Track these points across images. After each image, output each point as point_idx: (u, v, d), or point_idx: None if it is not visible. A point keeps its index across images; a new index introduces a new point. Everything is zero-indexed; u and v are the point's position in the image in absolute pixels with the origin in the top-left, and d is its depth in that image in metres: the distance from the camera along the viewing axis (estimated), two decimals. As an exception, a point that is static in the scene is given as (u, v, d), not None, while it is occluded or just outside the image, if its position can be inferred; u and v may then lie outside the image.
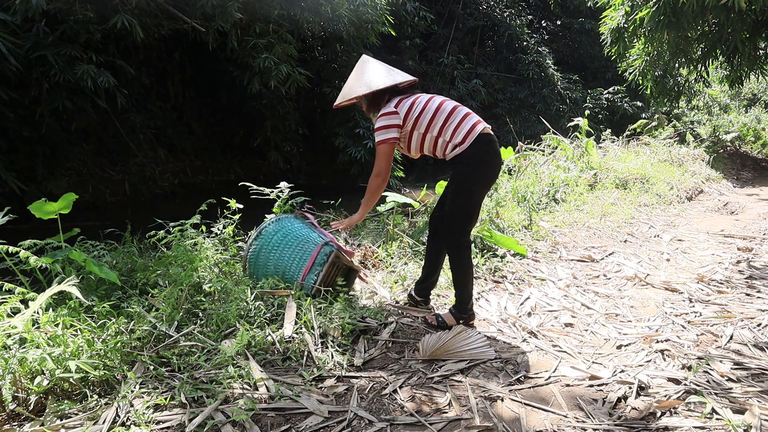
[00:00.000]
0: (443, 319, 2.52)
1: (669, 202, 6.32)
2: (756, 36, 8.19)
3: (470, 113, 2.38)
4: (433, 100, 2.39)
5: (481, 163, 2.33)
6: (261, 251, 2.70)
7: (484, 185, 2.41)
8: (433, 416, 1.82)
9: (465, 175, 2.34)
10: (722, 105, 18.12)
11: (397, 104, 2.38)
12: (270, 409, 1.80)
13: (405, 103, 2.38)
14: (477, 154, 2.31)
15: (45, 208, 2.56)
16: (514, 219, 4.35)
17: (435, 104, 2.37)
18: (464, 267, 2.46)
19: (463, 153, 2.31)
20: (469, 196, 2.37)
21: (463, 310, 2.52)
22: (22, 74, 6.26)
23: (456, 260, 2.47)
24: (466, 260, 2.45)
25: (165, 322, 2.24)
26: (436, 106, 2.36)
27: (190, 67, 9.76)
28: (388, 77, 2.42)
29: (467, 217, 2.41)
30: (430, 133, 2.35)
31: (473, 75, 14.31)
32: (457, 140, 2.31)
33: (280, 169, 9.69)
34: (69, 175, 7.54)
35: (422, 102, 2.38)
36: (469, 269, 2.47)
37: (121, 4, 6.39)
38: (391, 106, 2.37)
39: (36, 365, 1.78)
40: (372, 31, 9.45)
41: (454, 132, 2.32)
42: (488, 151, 2.34)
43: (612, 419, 1.81)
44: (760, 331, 2.57)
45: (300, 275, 2.62)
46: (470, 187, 2.36)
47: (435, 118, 2.34)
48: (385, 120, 2.35)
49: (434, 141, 2.36)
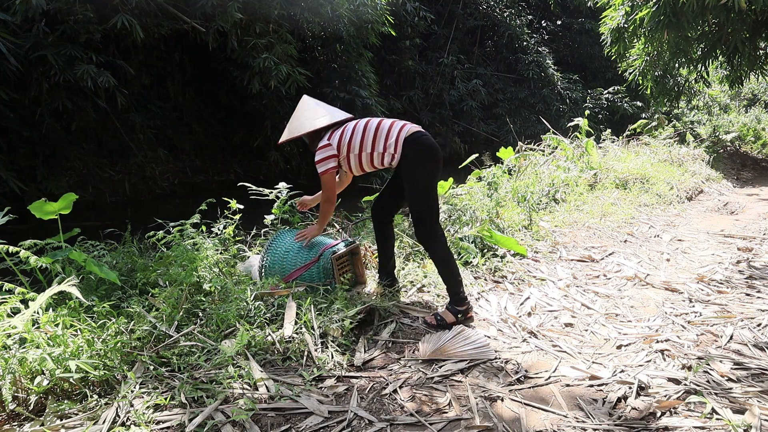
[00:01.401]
0: (442, 317, 2.56)
1: (669, 202, 6.32)
2: (756, 36, 8.19)
3: (395, 122, 2.60)
4: (359, 123, 2.64)
5: (420, 159, 2.52)
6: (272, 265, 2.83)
7: (432, 176, 2.56)
8: (433, 416, 1.82)
9: (412, 175, 2.53)
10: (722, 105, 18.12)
11: (330, 137, 2.64)
12: (270, 409, 1.80)
13: (336, 134, 2.64)
14: (413, 153, 2.51)
15: (45, 208, 2.56)
16: (514, 219, 4.35)
17: (361, 126, 2.61)
18: (445, 258, 2.57)
19: (403, 156, 2.52)
20: (424, 191, 2.54)
21: (458, 302, 2.57)
22: (22, 74, 6.26)
23: (435, 254, 2.59)
24: (444, 251, 2.57)
25: (165, 322, 2.24)
26: (363, 126, 2.61)
27: (190, 67, 9.76)
28: (327, 117, 2.69)
29: (430, 209, 2.57)
30: (364, 152, 2.58)
31: (473, 75, 14.31)
32: (390, 150, 2.54)
33: (280, 169, 9.69)
34: (69, 175, 7.55)
35: (350, 128, 2.63)
36: (450, 258, 2.58)
37: (121, 4, 6.39)
38: (325, 140, 2.63)
39: (36, 365, 1.78)
40: (372, 31, 9.45)
41: (384, 143, 2.55)
42: (421, 146, 2.53)
43: (612, 419, 1.82)
44: (760, 331, 2.57)
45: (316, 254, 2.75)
46: (422, 183, 2.54)
47: (364, 137, 2.58)
48: (322, 153, 2.60)
49: (370, 157, 2.59)
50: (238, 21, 7.37)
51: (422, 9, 12.21)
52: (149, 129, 8.81)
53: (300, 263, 2.76)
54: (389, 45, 12.20)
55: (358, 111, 9.59)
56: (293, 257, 2.79)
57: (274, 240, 2.90)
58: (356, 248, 2.93)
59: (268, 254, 2.84)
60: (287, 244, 2.85)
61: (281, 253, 2.82)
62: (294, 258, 2.79)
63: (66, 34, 6.47)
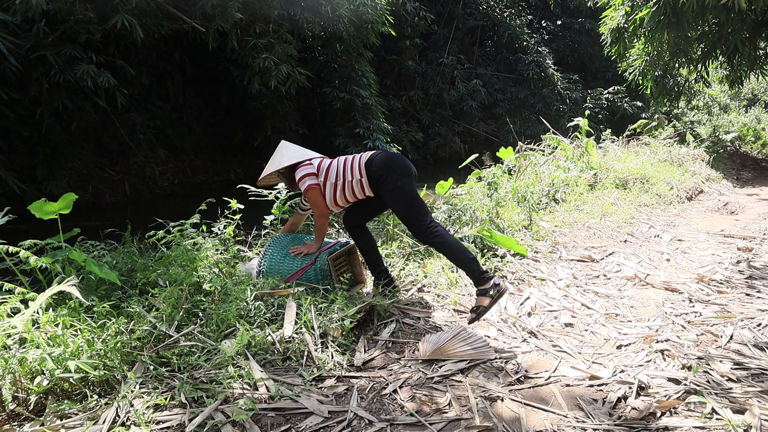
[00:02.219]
0: (477, 306, 2.54)
1: (669, 202, 6.31)
2: (756, 36, 8.19)
3: (355, 155, 2.79)
4: (332, 161, 2.81)
5: (386, 168, 2.65)
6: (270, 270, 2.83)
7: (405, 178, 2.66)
8: (433, 416, 1.82)
9: (386, 184, 2.64)
10: (722, 105, 18.11)
11: (309, 162, 2.80)
12: (270, 409, 1.80)
13: (315, 160, 2.82)
14: (378, 167, 2.66)
15: (45, 208, 2.55)
16: (514, 219, 4.35)
17: (334, 161, 2.80)
18: (450, 247, 2.60)
19: (370, 176, 2.67)
20: (402, 193, 2.63)
21: (481, 281, 2.54)
22: (22, 74, 6.26)
23: (441, 248, 2.62)
24: (447, 240, 2.60)
25: (165, 322, 2.24)
26: (336, 161, 2.79)
27: (190, 67, 9.77)
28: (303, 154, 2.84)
29: (414, 209, 2.64)
30: (339, 180, 2.73)
31: (473, 75, 14.31)
32: (356, 175, 2.70)
33: (280, 169, 9.68)
34: (69, 175, 7.55)
35: (327, 161, 2.82)
36: (455, 245, 2.61)
37: (121, 4, 6.39)
38: (305, 162, 2.79)
39: (36, 365, 1.78)
40: (372, 31, 9.45)
41: (351, 171, 2.71)
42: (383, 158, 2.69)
43: (612, 419, 1.81)
44: (760, 331, 2.57)
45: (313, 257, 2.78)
46: (397, 186, 2.63)
47: (338, 169, 2.75)
48: (302, 171, 2.74)
49: (343, 185, 2.73)
50: (238, 21, 7.37)
51: (422, 9, 12.20)
52: (149, 129, 8.81)
53: (297, 267, 2.78)
54: (389, 45, 12.19)
55: (358, 111, 9.59)
56: (290, 261, 2.80)
57: (271, 245, 2.91)
58: (353, 248, 2.94)
59: (265, 259, 2.85)
60: (284, 248, 2.87)
61: (278, 258, 2.83)
62: (291, 262, 2.80)
63: (66, 34, 6.47)
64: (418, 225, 2.62)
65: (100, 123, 8.14)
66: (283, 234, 3.05)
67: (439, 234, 2.60)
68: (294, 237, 2.99)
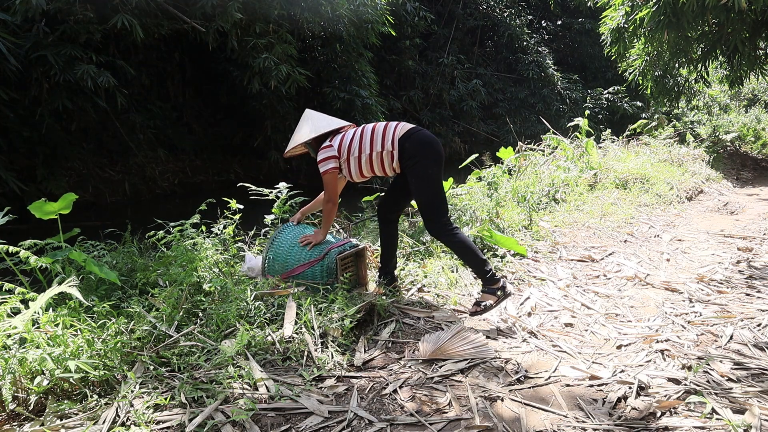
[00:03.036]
0: (483, 302, 2.62)
1: (669, 202, 6.31)
2: (756, 36, 8.19)
3: (388, 124, 2.68)
4: (356, 130, 2.73)
5: (420, 152, 2.58)
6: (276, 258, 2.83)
7: (434, 167, 2.61)
8: (433, 416, 1.82)
9: (417, 167, 2.58)
10: (722, 105, 18.10)
11: (331, 140, 2.73)
12: (270, 409, 1.80)
13: (337, 138, 2.73)
14: (413, 146, 2.58)
15: (45, 208, 2.55)
16: (514, 219, 4.35)
17: (359, 130, 2.71)
18: (462, 245, 2.61)
19: (402, 153, 2.59)
20: (431, 182, 2.59)
21: (489, 281, 2.62)
22: (22, 74, 6.26)
23: (452, 245, 2.63)
24: (460, 239, 2.61)
25: (165, 322, 2.24)
26: (360, 131, 2.70)
27: (190, 67, 9.77)
28: (326, 123, 2.79)
29: (438, 200, 2.61)
30: (363, 154, 2.65)
31: (473, 75, 14.31)
32: (388, 147, 2.60)
33: (280, 169, 9.69)
34: (69, 175, 7.55)
35: (350, 133, 2.73)
36: (468, 244, 2.62)
37: (121, 4, 6.39)
38: (327, 142, 2.72)
39: (36, 365, 1.78)
40: (372, 31, 9.45)
41: (382, 143, 2.62)
42: (418, 140, 2.60)
43: (612, 419, 1.81)
44: (760, 331, 2.57)
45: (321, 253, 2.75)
46: (427, 174, 2.58)
47: (362, 140, 2.66)
48: (323, 153, 2.68)
49: (369, 158, 2.65)
50: (238, 21, 7.37)
51: (422, 9, 12.20)
52: (149, 129, 8.81)
53: (304, 260, 2.76)
54: (389, 45, 12.19)
55: (358, 111, 9.58)
56: (298, 252, 2.79)
57: (280, 233, 2.89)
58: (362, 251, 2.93)
59: (273, 247, 2.83)
60: (293, 239, 2.84)
61: (286, 248, 2.82)
62: (299, 254, 2.78)
63: (66, 34, 6.46)
64: (437, 218, 2.60)
65: (100, 123, 8.14)
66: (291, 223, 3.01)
67: (456, 232, 2.62)
68: (304, 227, 2.97)
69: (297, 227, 2.95)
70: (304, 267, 2.74)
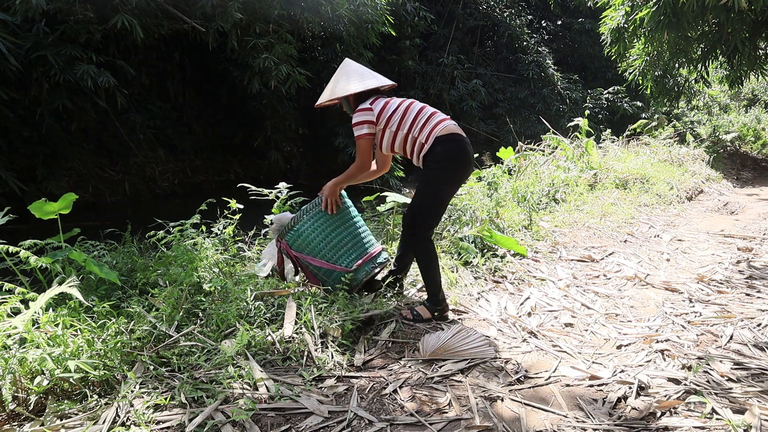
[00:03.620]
0: (418, 313, 2.54)
1: (669, 202, 6.31)
2: (756, 36, 8.19)
3: (436, 112, 2.48)
4: (404, 102, 2.51)
5: (449, 162, 2.41)
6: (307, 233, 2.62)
7: (454, 184, 2.49)
8: (433, 416, 1.82)
9: (435, 172, 2.42)
10: (722, 105, 18.10)
11: (372, 102, 2.50)
12: (270, 409, 1.80)
13: (379, 102, 2.50)
14: (444, 152, 2.39)
15: (45, 208, 2.55)
16: (514, 219, 4.35)
17: (405, 105, 2.50)
18: (430, 261, 2.52)
19: (431, 152, 2.40)
20: (438, 194, 2.45)
21: (436, 302, 2.55)
22: (22, 74, 6.26)
23: (422, 256, 2.53)
24: (431, 254, 2.52)
25: (165, 322, 2.24)
26: (406, 106, 2.49)
27: (190, 67, 9.77)
28: (373, 80, 2.54)
29: (434, 213, 2.49)
30: (400, 131, 2.46)
31: (473, 75, 14.30)
32: (422, 139, 2.42)
33: (280, 169, 9.70)
34: (69, 175, 7.55)
35: (395, 103, 2.50)
36: (435, 261, 2.53)
37: (121, 4, 6.39)
38: (367, 104, 2.49)
39: (36, 365, 1.78)
40: (372, 31, 9.45)
41: (420, 129, 2.43)
42: (457, 149, 2.41)
43: (612, 419, 1.81)
44: (760, 331, 2.57)
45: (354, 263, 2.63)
46: (440, 185, 2.44)
47: (405, 116, 2.46)
48: (360, 116, 2.47)
49: (404, 139, 2.47)
50: (238, 21, 7.37)
51: (422, 9, 12.20)
52: (149, 129, 8.81)
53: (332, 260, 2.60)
54: (389, 45, 12.18)
55: (358, 111, 9.56)
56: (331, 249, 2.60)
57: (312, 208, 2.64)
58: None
59: (313, 219, 2.61)
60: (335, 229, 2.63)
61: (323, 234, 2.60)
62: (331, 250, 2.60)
63: (66, 34, 6.47)
64: (422, 225, 2.48)
65: (100, 123, 8.14)
66: (348, 204, 2.77)
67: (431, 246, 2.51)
68: (350, 217, 2.74)
69: (344, 216, 2.69)
70: (327, 266, 2.61)
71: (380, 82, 2.54)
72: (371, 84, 2.50)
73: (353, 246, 2.67)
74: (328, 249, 2.63)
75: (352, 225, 2.71)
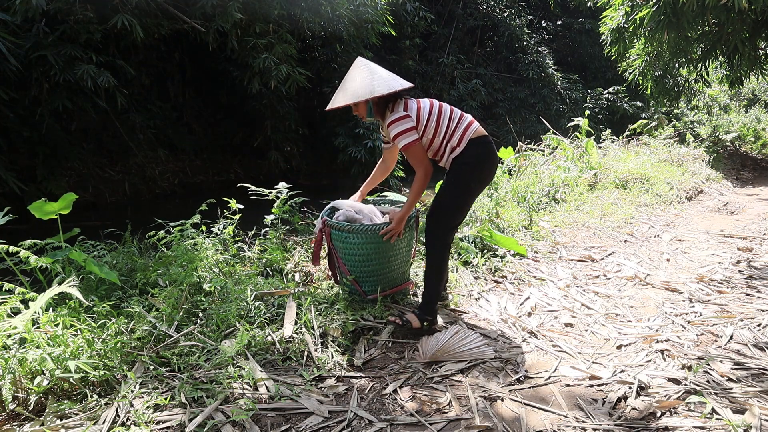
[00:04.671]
0: (408, 320, 2.43)
1: (669, 202, 6.31)
2: (756, 36, 8.18)
3: (463, 114, 2.44)
4: (432, 106, 2.42)
5: (480, 164, 2.39)
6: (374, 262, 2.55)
7: (481, 185, 2.47)
8: (433, 416, 1.82)
9: (465, 173, 2.39)
10: (722, 105, 18.10)
11: (406, 107, 2.37)
12: (270, 409, 1.80)
13: (410, 107, 2.38)
14: (476, 155, 2.38)
15: (45, 208, 2.56)
16: (514, 219, 4.35)
17: (435, 110, 2.40)
18: (439, 266, 2.45)
19: (462, 154, 2.37)
20: (465, 193, 2.41)
21: (428, 312, 2.45)
22: (22, 74, 6.25)
23: (434, 258, 2.44)
24: (443, 260, 2.46)
25: (165, 322, 2.24)
26: (437, 111, 2.40)
27: (190, 67, 9.76)
28: (396, 82, 2.36)
29: (458, 212, 2.44)
30: (437, 138, 2.40)
31: (473, 75, 14.31)
32: (455, 142, 2.38)
33: (280, 169, 9.69)
34: (69, 175, 7.54)
35: (425, 109, 2.39)
36: (443, 270, 2.47)
37: (121, 4, 6.39)
38: (400, 110, 2.35)
39: (36, 365, 1.78)
40: (372, 31, 9.45)
41: (453, 134, 2.38)
42: (487, 153, 2.41)
43: (612, 419, 1.81)
44: (760, 331, 2.57)
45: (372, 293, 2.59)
46: (468, 185, 2.40)
47: (439, 123, 2.38)
48: (403, 124, 2.33)
49: (440, 144, 2.41)
50: (238, 21, 7.36)
51: (422, 9, 12.20)
52: (149, 129, 8.81)
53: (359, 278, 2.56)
54: (389, 45, 12.19)
55: (358, 111, 9.55)
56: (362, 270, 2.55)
57: (380, 237, 2.48)
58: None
59: (359, 237, 2.48)
60: (378, 256, 2.54)
61: (364, 256, 2.52)
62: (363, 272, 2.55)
63: (66, 34, 6.46)
64: (443, 224, 2.41)
65: (100, 123, 8.13)
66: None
67: (448, 250, 2.47)
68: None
69: (393, 246, 2.55)
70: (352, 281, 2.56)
71: (403, 84, 2.37)
72: (396, 86, 2.33)
73: (383, 276, 2.60)
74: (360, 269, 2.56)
75: (395, 256, 2.62)
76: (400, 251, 2.63)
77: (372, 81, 2.32)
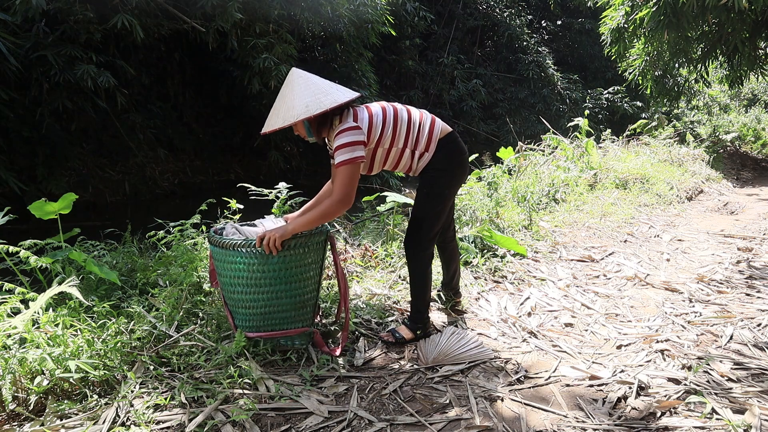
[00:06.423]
0: (401, 335, 2.35)
1: (669, 202, 6.31)
2: (756, 36, 8.18)
3: (424, 115, 2.23)
4: (386, 110, 2.15)
5: (452, 167, 2.24)
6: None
7: (457, 187, 2.34)
8: (433, 416, 1.82)
9: (439, 179, 2.22)
10: (722, 105, 18.10)
11: (355, 118, 2.08)
12: (270, 409, 1.80)
13: (362, 117, 2.09)
14: (448, 157, 2.22)
15: (45, 208, 2.56)
16: (514, 219, 4.35)
17: (390, 115, 2.14)
18: (424, 276, 2.34)
19: (433, 159, 2.20)
20: (441, 201, 2.25)
21: (419, 320, 2.37)
22: (22, 74, 6.26)
23: (417, 269, 2.32)
24: (427, 270, 2.34)
25: (165, 322, 2.24)
26: (392, 116, 2.14)
27: (190, 67, 9.76)
28: (341, 93, 2.04)
29: (438, 222, 2.29)
30: (395, 147, 2.16)
31: (473, 75, 14.31)
32: (422, 147, 2.18)
33: (280, 169, 9.69)
34: (69, 175, 7.54)
35: (379, 116, 2.12)
36: (429, 279, 2.36)
37: (121, 4, 6.39)
38: (350, 121, 2.05)
39: (36, 365, 1.78)
40: (372, 31, 9.46)
41: (417, 139, 2.16)
42: (455, 151, 2.24)
43: (612, 419, 1.82)
44: (760, 331, 2.57)
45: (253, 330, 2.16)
46: (443, 192, 2.25)
47: (397, 128, 2.14)
48: (349, 136, 2.00)
49: (400, 154, 2.18)
50: (238, 21, 7.37)
51: (422, 9, 12.21)
52: (149, 129, 8.81)
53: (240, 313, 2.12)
54: (389, 45, 12.19)
55: (358, 111, 9.57)
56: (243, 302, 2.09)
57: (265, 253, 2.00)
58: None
59: (241, 257, 2.03)
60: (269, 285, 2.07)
61: (249, 282, 2.05)
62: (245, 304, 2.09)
63: (66, 34, 6.46)
64: (422, 235, 2.27)
65: (100, 123, 8.13)
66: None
67: (431, 259, 2.33)
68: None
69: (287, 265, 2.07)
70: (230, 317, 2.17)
71: (348, 95, 2.05)
72: (345, 98, 2.01)
73: (265, 313, 2.10)
74: (230, 294, 2.11)
75: (288, 289, 2.09)
76: (296, 284, 2.08)
77: (306, 97, 1.98)
